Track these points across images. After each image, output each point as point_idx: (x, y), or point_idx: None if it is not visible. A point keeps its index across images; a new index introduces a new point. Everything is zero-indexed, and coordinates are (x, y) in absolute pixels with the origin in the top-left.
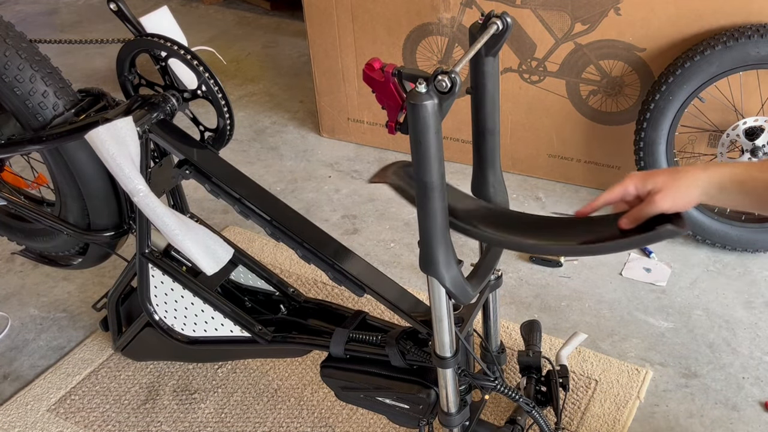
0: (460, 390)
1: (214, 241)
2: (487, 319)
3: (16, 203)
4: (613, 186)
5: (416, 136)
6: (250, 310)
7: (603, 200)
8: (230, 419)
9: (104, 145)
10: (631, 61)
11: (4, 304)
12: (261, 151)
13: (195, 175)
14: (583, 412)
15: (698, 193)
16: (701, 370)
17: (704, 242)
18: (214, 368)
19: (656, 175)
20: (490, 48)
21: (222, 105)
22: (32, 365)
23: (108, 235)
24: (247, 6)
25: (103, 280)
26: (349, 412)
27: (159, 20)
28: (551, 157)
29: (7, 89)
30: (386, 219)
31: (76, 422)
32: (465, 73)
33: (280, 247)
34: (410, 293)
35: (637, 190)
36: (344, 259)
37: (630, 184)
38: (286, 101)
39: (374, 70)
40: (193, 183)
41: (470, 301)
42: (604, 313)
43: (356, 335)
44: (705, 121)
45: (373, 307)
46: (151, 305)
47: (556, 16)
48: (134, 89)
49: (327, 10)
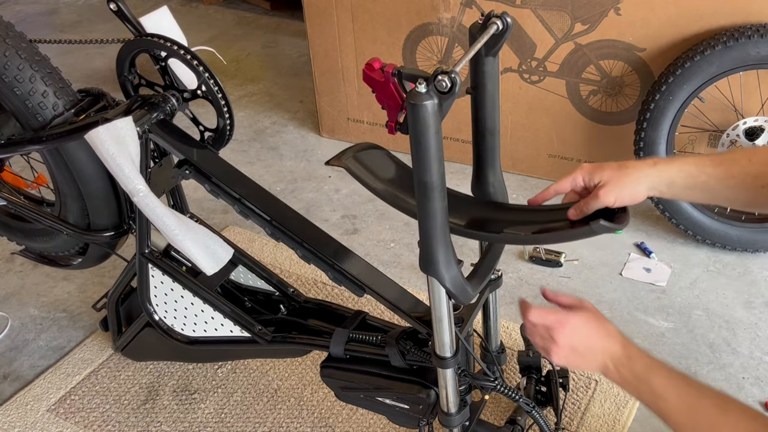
0: (460, 390)
1: (214, 241)
2: (487, 319)
3: (16, 203)
4: (564, 176)
5: (416, 136)
6: (250, 310)
7: (553, 190)
8: (230, 419)
9: (104, 145)
10: (631, 61)
11: (4, 304)
12: (261, 151)
13: (195, 175)
14: (583, 412)
15: (645, 189)
16: (701, 370)
17: (704, 242)
18: (214, 368)
19: (603, 169)
20: (490, 48)
21: (222, 105)
22: (32, 365)
23: (108, 235)
24: (247, 6)
25: (103, 280)
26: (349, 412)
27: (159, 20)
28: (551, 157)
29: (6, 89)
30: (386, 219)
31: (76, 422)
32: (465, 73)
33: (280, 247)
34: (410, 293)
35: (585, 182)
36: (344, 259)
37: (579, 176)
38: (286, 101)
39: (374, 70)
40: (193, 183)
41: (470, 301)
42: (604, 313)
43: (356, 335)
44: (705, 121)
45: (373, 307)
46: (150, 305)
47: (556, 16)
48: (134, 89)
49: (327, 10)
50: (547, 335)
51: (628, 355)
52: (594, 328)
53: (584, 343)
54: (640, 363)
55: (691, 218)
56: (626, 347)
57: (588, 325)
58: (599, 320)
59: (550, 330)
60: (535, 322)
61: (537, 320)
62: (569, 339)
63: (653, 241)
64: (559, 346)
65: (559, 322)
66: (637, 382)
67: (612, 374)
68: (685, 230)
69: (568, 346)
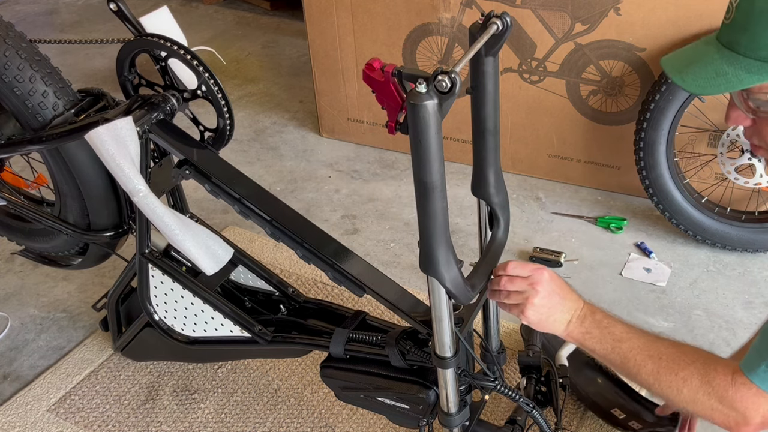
0: (460, 390)
1: (214, 241)
2: (487, 319)
3: (16, 203)
4: None
5: (416, 136)
6: (250, 310)
7: None
8: (230, 419)
9: (104, 145)
10: (631, 61)
11: (4, 304)
12: (261, 151)
13: (195, 175)
14: (583, 412)
15: None
16: None
17: (704, 242)
18: (214, 368)
19: None
20: (490, 48)
21: (222, 105)
22: (32, 365)
23: (108, 235)
24: (247, 6)
25: (103, 280)
26: (349, 412)
27: (159, 20)
28: (551, 157)
29: (6, 89)
30: (386, 219)
31: (76, 422)
32: (465, 73)
33: (280, 247)
34: (410, 293)
35: None
36: (344, 259)
37: None
38: (286, 101)
39: (374, 70)
40: (193, 183)
41: (470, 301)
42: None
43: (356, 335)
44: (705, 121)
45: (373, 307)
46: (150, 305)
47: (556, 16)
48: (134, 89)
49: (327, 10)
50: (525, 286)
51: (591, 310)
52: (561, 285)
53: (557, 295)
54: (601, 314)
55: (691, 218)
56: (588, 304)
57: (558, 281)
58: (561, 279)
59: (531, 279)
60: (517, 272)
61: (518, 270)
62: (548, 287)
63: (653, 241)
64: (539, 294)
65: (538, 269)
66: (599, 331)
67: (575, 329)
68: (685, 230)
69: (547, 295)
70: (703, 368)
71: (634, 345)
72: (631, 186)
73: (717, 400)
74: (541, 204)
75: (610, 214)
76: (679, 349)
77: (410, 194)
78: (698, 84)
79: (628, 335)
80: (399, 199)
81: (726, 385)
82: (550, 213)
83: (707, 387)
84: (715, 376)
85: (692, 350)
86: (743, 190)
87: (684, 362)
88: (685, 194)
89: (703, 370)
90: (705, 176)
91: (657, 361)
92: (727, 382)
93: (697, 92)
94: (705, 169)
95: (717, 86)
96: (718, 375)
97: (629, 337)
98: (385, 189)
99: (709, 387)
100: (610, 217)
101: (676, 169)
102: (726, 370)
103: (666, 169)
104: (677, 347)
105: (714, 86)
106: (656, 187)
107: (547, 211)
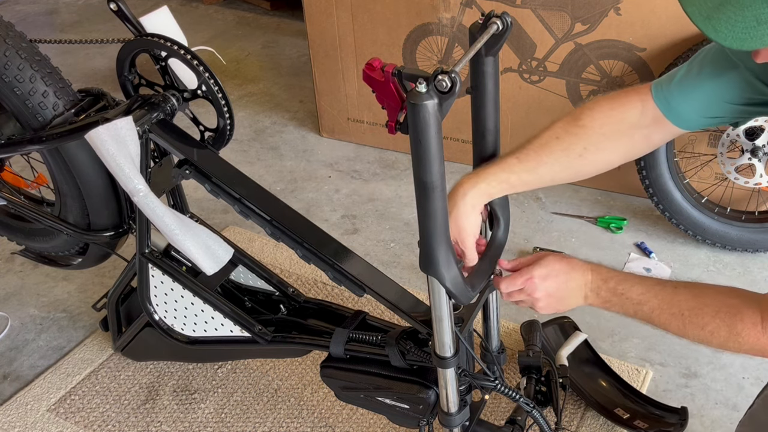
0: (460, 390)
1: (214, 241)
2: (487, 319)
3: (16, 203)
4: None
5: (416, 136)
6: (250, 310)
7: None
8: (230, 419)
9: (104, 145)
10: (631, 61)
11: (4, 304)
12: (261, 151)
13: (195, 175)
14: (583, 412)
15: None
16: (701, 370)
17: (704, 242)
18: (214, 368)
19: None
20: (490, 48)
21: (222, 105)
22: (32, 365)
23: (108, 235)
24: (247, 6)
25: (103, 280)
26: (349, 412)
27: (159, 20)
28: None
29: (7, 89)
30: (386, 219)
31: (76, 422)
32: (465, 73)
33: (280, 247)
34: (410, 293)
35: None
36: (344, 259)
37: None
38: (286, 101)
39: (374, 70)
40: (193, 183)
41: (470, 301)
42: (604, 313)
43: (356, 335)
44: None
45: (373, 307)
46: (151, 305)
47: (556, 16)
48: (134, 89)
49: (327, 11)
50: (524, 296)
51: (603, 278)
52: (559, 270)
53: (558, 287)
54: (614, 281)
55: (691, 218)
56: (596, 271)
57: (553, 270)
58: (561, 260)
59: (525, 290)
60: (509, 290)
61: (509, 288)
62: (544, 289)
63: (653, 241)
64: (539, 299)
65: (527, 280)
66: (618, 299)
67: (594, 301)
68: (685, 230)
69: (546, 296)
70: (729, 319)
71: (654, 306)
72: (631, 186)
73: (749, 349)
74: (541, 204)
75: (610, 214)
76: (700, 300)
77: (410, 194)
78: (734, 35)
79: (646, 296)
80: (399, 199)
81: (756, 335)
82: (550, 213)
83: (736, 338)
84: (743, 328)
85: (713, 298)
86: (743, 190)
87: (708, 315)
88: (685, 194)
89: (729, 321)
90: (705, 176)
91: (680, 318)
92: (757, 332)
93: (734, 46)
94: (705, 169)
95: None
96: (745, 325)
97: (647, 299)
98: (385, 189)
99: (739, 338)
100: (610, 217)
101: (676, 169)
102: (754, 317)
103: (666, 168)
104: (697, 298)
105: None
106: (656, 187)
107: (547, 211)
